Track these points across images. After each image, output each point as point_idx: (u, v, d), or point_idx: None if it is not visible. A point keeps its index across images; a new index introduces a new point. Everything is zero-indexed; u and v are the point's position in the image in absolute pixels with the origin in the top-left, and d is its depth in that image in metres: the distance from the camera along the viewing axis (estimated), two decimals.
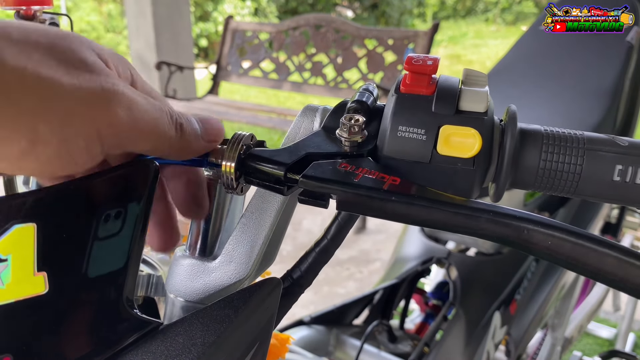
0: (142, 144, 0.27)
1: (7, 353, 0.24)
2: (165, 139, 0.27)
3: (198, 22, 8.06)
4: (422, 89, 0.29)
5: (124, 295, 0.27)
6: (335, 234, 0.35)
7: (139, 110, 0.26)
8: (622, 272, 0.24)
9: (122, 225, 0.27)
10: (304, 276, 0.35)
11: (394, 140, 0.29)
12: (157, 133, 0.27)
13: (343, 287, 2.30)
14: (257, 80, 3.75)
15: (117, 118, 0.25)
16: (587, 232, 0.25)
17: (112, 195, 0.27)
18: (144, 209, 0.28)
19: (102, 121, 0.25)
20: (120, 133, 0.25)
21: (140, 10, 3.93)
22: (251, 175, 0.30)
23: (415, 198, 0.26)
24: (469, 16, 11.20)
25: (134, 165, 0.28)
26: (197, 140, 0.30)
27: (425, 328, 1.02)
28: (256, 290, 0.29)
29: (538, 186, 0.29)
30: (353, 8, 10.48)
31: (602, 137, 0.28)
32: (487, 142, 0.28)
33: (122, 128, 0.25)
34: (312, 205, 0.29)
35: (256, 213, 0.34)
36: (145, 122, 0.26)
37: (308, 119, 0.35)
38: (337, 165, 0.28)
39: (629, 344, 1.88)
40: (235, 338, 0.28)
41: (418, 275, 1.04)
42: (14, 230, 0.24)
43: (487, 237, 0.26)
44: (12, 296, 0.24)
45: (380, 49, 3.27)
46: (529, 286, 1.02)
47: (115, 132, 0.25)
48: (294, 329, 0.87)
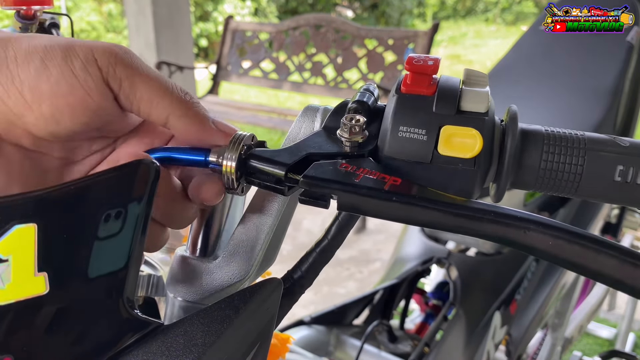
0: (145, 88, 0.29)
1: (7, 354, 0.24)
2: (172, 96, 0.29)
3: (198, 22, 8.05)
4: (423, 89, 0.29)
5: (124, 296, 0.27)
6: (336, 234, 0.35)
7: (140, 60, 0.29)
8: (622, 272, 0.24)
9: (122, 226, 0.27)
10: (305, 276, 0.35)
11: (395, 140, 0.28)
12: (163, 87, 0.29)
13: (343, 287, 2.30)
14: (257, 80, 3.75)
15: (123, 58, 0.28)
16: (588, 233, 0.25)
17: (113, 195, 0.27)
18: (145, 209, 0.28)
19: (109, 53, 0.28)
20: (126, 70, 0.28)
21: (140, 10, 3.93)
22: (252, 176, 0.30)
23: (416, 199, 0.26)
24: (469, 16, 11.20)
25: (134, 165, 0.28)
26: (207, 121, 0.30)
27: (425, 328, 1.02)
28: (257, 290, 0.29)
29: (539, 186, 0.29)
30: (353, 8, 10.48)
31: (604, 138, 0.28)
32: (488, 142, 0.28)
33: (125, 65, 0.28)
34: (312, 206, 0.29)
35: (257, 213, 0.34)
36: (150, 74, 0.29)
37: (309, 119, 0.34)
38: (337, 166, 0.28)
39: (629, 344, 1.88)
40: (236, 339, 0.28)
41: (418, 275, 1.04)
42: (15, 230, 0.24)
43: (489, 237, 0.26)
44: (13, 297, 0.24)
45: (380, 49, 3.27)
46: (529, 286, 1.02)
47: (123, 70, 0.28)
48: (294, 329, 0.87)
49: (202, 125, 0.30)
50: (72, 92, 0.27)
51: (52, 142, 0.30)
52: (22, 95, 0.27)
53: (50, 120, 0.28)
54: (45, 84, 0.27)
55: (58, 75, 0.27)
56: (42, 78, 0.27)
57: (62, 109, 0.28)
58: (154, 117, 0.30)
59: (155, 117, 0.30)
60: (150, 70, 0.29)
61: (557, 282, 1.06)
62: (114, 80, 0.28)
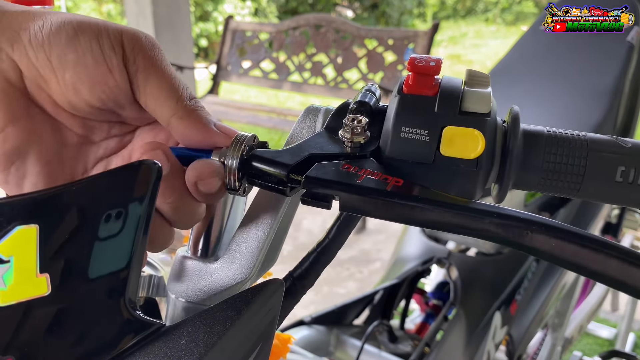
0: (155, 83, 0.29)
1: (9, 354, 0.24)
2: (179, 99, 0.30)
3: (198, 22, 8.05)
4: (425, 90, 0.29)
5: (126, 297, 0.27)
6: (337, 234, 0.35)
7: (161, 55, 0.30)
8: (623, 273, 0.24)
9: (124, 226, 0.27)
10: (306, 277, 0.35)
11: (397, 141, 0.28)
12: (173, 87, 0.30)
13: (343, 287, 2.30)
14: (257, 80, 3.75)
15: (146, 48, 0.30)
16: (589, 234, 0.25)
17: (114, 195, 0.27)
18: (147, 210, 0.28)
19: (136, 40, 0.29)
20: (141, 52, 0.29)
21: (140, 10, 3.93)
22: (254, 176, 0.30)
23: (418, 199, 0.26)
24: (469, 16, 11.20)
25: (136, 166, 0.28)
26: (209, 124, 0.31)
27: (425, 328, 1.02)
28: (259, 291, 0.29)
29: (541, 187, 0.29)
30: (353, 8, 10.48)
31: (605, 139, 0.28)
32: (490, 143, 0.28)
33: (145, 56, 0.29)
34: (314, 206, 0.29)
35: (258, 214, 0.33)
36: (165, 71, 0.30)
37: (310, 120, 0.34)
38: (339, 167, 0.28)
39: (629, 344, 1.88)
40: (238, 339, 0.28)
41: (418, 275, 1.03)
42: (17, 231, 0.24)
43: (491, 238, 0.26)
44: (15, 298, 0.24)
45: (380, 49, 3.27)
46: (529, 286, 1.02)
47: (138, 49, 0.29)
48: (294, 329, 0.87)
49: (204, 128, 0.31)
50: (95, 65, 0.29)
51: (72, 115, 0.31)
52: (49, 60, 0.28)
53: (70, 89, 0.29)
54: (73, 54, 0.28)
55: (86, 47, 0.29)
56: (70, 47, 0.28)
57: (83, 79, 0.29)
58: (158, 114, 0.31)
59: (159, 115, 0.31)
60: (167, 68, 0.30)
61: (557, 282, 1.06)
62: (132, 67, 0.29)
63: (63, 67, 0.29)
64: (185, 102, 0.30)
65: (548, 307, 1.06)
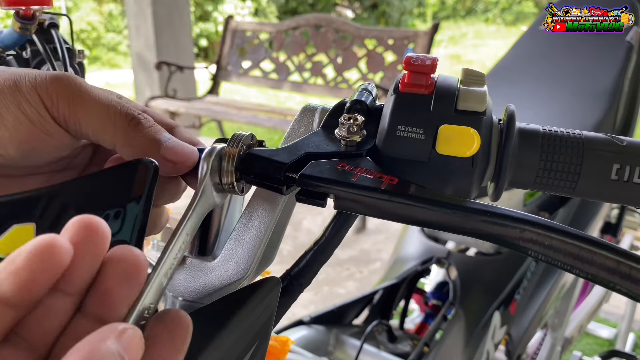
0: (87, 120, 0.28)
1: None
2: (116, 125, 0.28)
3: (198, 22, 8.06)
4: (421, 89, 0.29)
5: None
6: (334, 233, 0.35)
7: (88, 95, 0.28)
8: (619, 274, 0.24)
9: (121, 225, 0.27)
10: (303, 275, 0.35)
11: (393, 139, 0.29)
12: (105, 115, 0.28)
13: (343, 287, 2.30)
14: (257, 80, 3.75)
15: (65, 88, 0.28)
16: (584, 234, 0.25)
17: (112, 194, 0.27)
18: (144, 209, 0.28)
19: (51, 86, 0.28)
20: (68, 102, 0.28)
21: (140, 10, 3.93)
22: (251, 175, 0.30)
23: (412, 198, 0.26)
24: (469, 16, 11.20)
25: (133, 165, 0.28)
26: (157, 148, 0.29)
27: (425, 328, 1.02)
28: (255, 289, 0.29)
29: (537, 186, 0.29)
30: (353, 8, 10.48)
31: (601, 137, 0.28)
32: (485, 141, 0.28)
33: (67, 96, 0.28)
34: (309, 204, 0.29)
35: (255, 212, 0.34)
36: (93, 102, 0.28)
37: (307, 119, 0.35)
38: (335, 165, 0.28)
39: (629, 344, 1.88)
40: (234, 337, 0.28)
41: (418, 275, 1.03)
42: (13, 229, 0.24)
43: (484, 237, 0.26)
44: None
45: (380, 49, 3.27)
46: (528, 286, 1.02)
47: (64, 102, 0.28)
48: (293, 329, 0.87)
49: (151, 151, 0.29)
50: (32, 135, 0.28)
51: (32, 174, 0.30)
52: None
53: (20, 160, 0.28)
54: (5, 132, 0.27)
55: (15, 122, 0.27)
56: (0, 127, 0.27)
57: (28, 151, 0.28)
58: (104, 144, 0.30)
59: (105, 144, 0.30)
60: (95, 98, 0.29)
61: (556, 282, 1.06)
62: (58, 114, 0.28)
63: (3, 147, 0.27)
64: (124, 125, 0.29)
65: (547, 307, 1.06)
